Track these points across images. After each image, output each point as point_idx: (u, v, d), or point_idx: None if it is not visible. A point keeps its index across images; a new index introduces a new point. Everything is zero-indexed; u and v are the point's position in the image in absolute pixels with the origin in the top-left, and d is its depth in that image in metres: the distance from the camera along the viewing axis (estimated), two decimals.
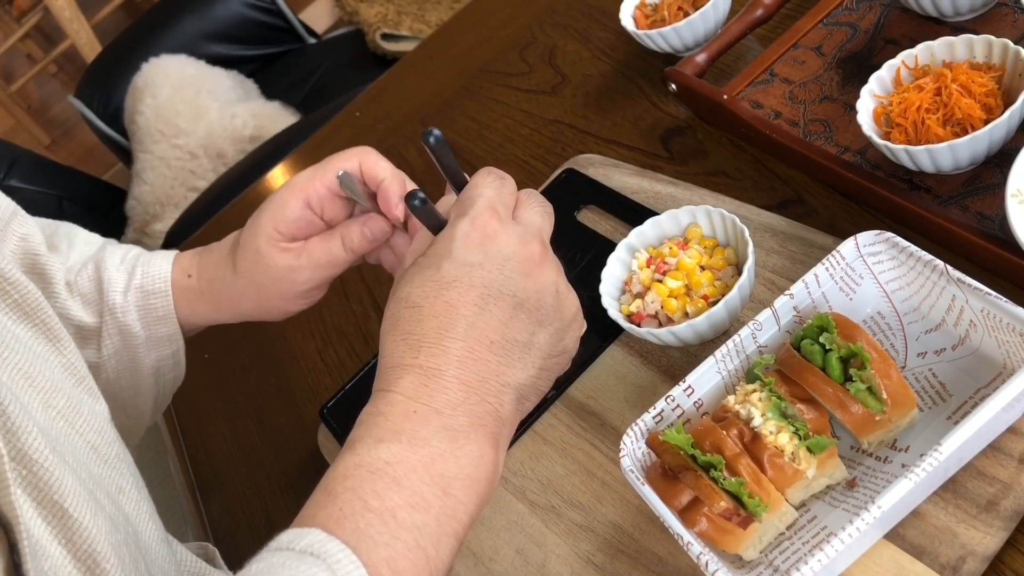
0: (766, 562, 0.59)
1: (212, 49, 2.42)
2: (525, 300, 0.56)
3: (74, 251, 0.75)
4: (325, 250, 0.69)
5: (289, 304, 0.71)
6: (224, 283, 0.72)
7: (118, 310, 0.72)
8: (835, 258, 0.66)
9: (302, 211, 0.69)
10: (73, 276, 0.72)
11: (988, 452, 0.57)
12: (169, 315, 0.73)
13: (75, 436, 0.58)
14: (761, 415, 0.60)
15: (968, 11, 0.80)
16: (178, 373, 0.77)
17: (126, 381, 0.74)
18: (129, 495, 0.60)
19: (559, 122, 1.10)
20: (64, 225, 0.78)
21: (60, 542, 0.49)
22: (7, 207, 0.71)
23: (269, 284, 0.70)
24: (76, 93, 2.43)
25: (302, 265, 0.69)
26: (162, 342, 0.74)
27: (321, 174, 0.69)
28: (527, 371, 0.56)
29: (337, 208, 0.70)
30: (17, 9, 4.17)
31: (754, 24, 0.95)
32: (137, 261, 0.74)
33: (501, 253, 0.56)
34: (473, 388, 0.53)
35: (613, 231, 0.88)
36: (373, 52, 2.38)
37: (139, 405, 0.76)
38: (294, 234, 0.69)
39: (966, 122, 0.69)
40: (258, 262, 0.69)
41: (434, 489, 0.50)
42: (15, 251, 0.70)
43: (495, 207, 0.57)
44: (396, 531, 0.48)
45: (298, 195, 0.69)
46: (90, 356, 0.72)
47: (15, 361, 0.56)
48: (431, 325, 0.54)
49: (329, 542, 0.47)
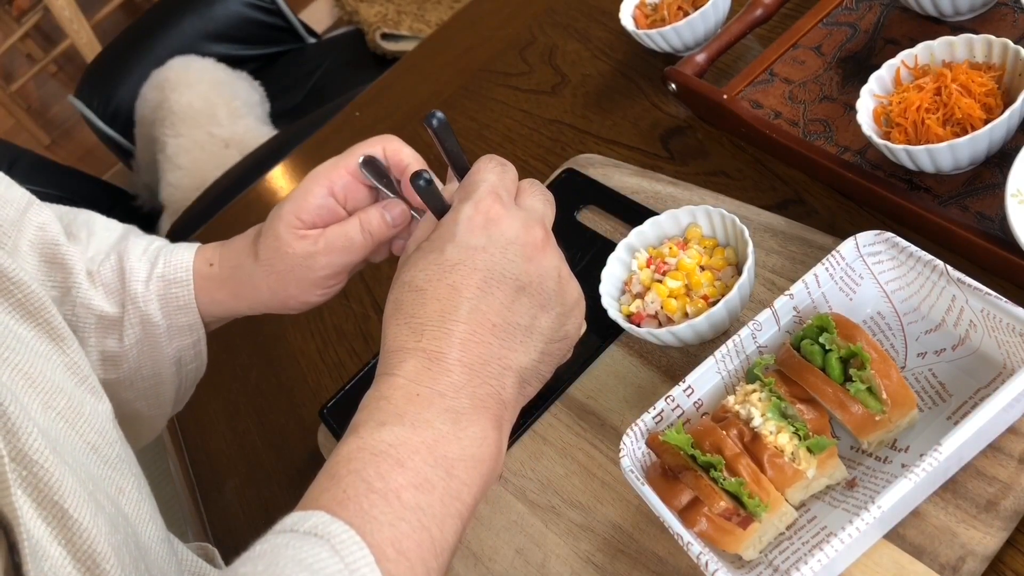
0: (766, 562, 0.59)
1: (212, 49, 2.42)
2: (527, 284, 0.56)
3: (94, 239, 0.75)
4: (342, 234, 0.69)
5: (306, 293, 0.71)
6: (245, 271, 0.72)
7: (140, 299, 0.72)
8: (835, 258, 0.66)
9: (324, 198, 0.69)
10: (95, 266, 0.72)
11: (988, 452, 0.57)
12: (190, 304, 0.73)
13: (75, 437, 0.58)
14: (761, 415, 0.60)
15: (968, 11, 0.80)
16: (199, 364, 0.77)
17: (147, 371, 0.74)
18: (129, 496, 0.60)
19: (559, 122, 1.10)
20: (82, 213, 0.78)
21: (60, 543, 0.49)
22: (22, 196, 0.71)
23: (287, 271, 0.70)
24: (76, 93, 2.43)
25: (319, 251, 0.69)
26: (183, 331, 0.74)
27: (344, 161, 0.69)
28: (529, 355, 0.56)
29: (360, 196, 0.70)
30: (17, 9, 4.17)
31: (754, 24, 0.95)
32: (160, 251, 0.74)
33: (504, 236, 0.56)
34: (475, 371, 0.53)
35: (613, 231, 0.88)
36: (373, 52, 2.38)
37: (160, 395, 0.76)
38: (315, 222, 0.69)
39: (966, 122, 0.69)
40: (277, 249, 0.69)
41: (437, 470, 0.50)
42: (33, 241, 0.70)
43: (498, 191, 0.58)
44: (400, 512, 0.48)
45: (321, 182, 0.69)
46: (112, 346, 0.72)
47: (16, 361, 0.56)
48: (434, 308, 0.54)
49: (333, 523, 0.47)
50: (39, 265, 0.70)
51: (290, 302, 0.72)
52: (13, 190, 0.71)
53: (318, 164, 0.71)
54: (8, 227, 0.68)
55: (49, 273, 0.70)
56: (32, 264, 0.69)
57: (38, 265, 0.70)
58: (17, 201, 0.70)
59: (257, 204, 1.46)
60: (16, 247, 0.69)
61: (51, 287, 0.70)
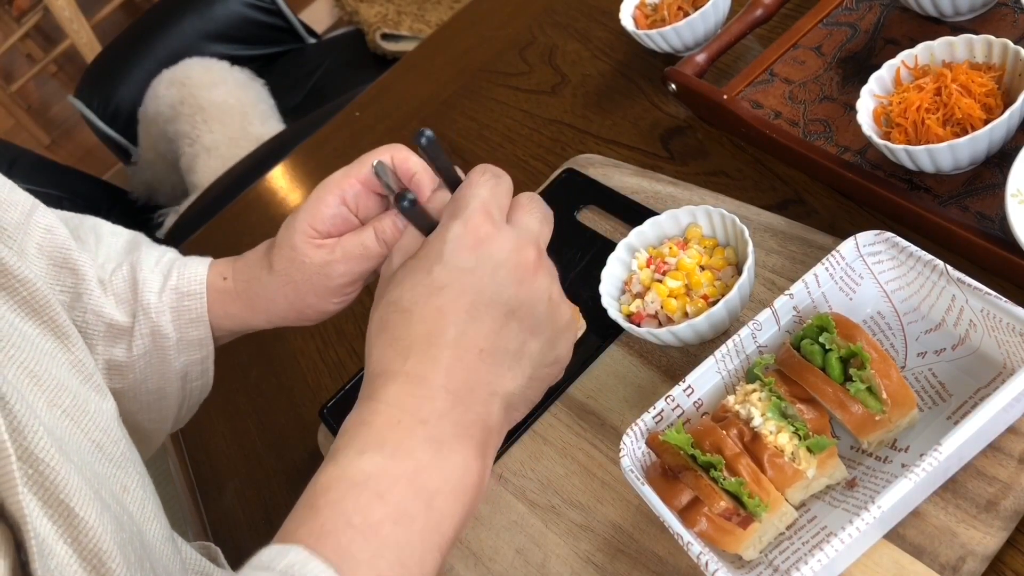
0: (766, 562, 0.59)
1: (212, 49, 2.42)
2: (517, 308, 0.55)
3: (102, 244, 0.75)
4: (358, 243, 0.68)
5: (324, 302, 0.71)
6: (260, 284, 0.71)
7: (152, 310, 0.71)
8: (835, 258, 0.66)
9: (337, 207, 0.69)
10: (107, 275, 0.72)
11: (988, 452, 0.57)
12: (202, 317, 0.73)
13: (80, 435, 0.58)
14: (761, 415, 0.60)
15: (968, 11, 0.80)
16: (205, 382, 0.77)
17: (153, 384, 0.73)
18: (134, 494, 0.60)
19: (559, 122, 1.10)
20: (88, 219, 0.77)
21: (66, 541, 0.49)
22: (26, 199, 0.71)
23: (304, 281, 0.69)
24: (76, 93, 2.43)
25: (336, 259, 0.68)
26: (192, 346, 0.73)
27: (355, 170, 0.69)
28: (517, 380, 0.55)
29: (371, 205, 0.70)
30: (17, 9, 4.18)
31: (754, 24, 0.95)
32: (173, 264, 0.74)
33: (493, 259, 0.54)
34: (460, 397, 0.52)
35: (613, 231, 0.88)
36: (373, 52, 2.38)
37: (163, 409, 0.76)
38: (329, 231, 0.69)
39: (966, 122, 0.69)
40: (293, 259, 0.69)
41: (417, 503, 0.49)
42: (41, 244, 0.69)
43: (489, 209, 0.56)
44: (379, 549, 0.47)
45: (333, 191, 0.68)
46: (119, 355, 0.71)
47: (21, 359, 0.56)
48: (420, 331, 0.53)
49: (310, 561, 0.46)
50: (48, 268, 0.69)
51: (307, 312, 0.72)
52: (17, 193, 0.70)
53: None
54: (13, 230, 0.68)
55: (58, 277, 0.69)
56: (40, 267, 0.69)
57: (47, 268, 0.69)
58: (22, 204, 0.70)
59: (257, 204, 1.46)
60: (23, 249, 0.68)
61: (60, 291, 0.69)
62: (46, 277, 0.69)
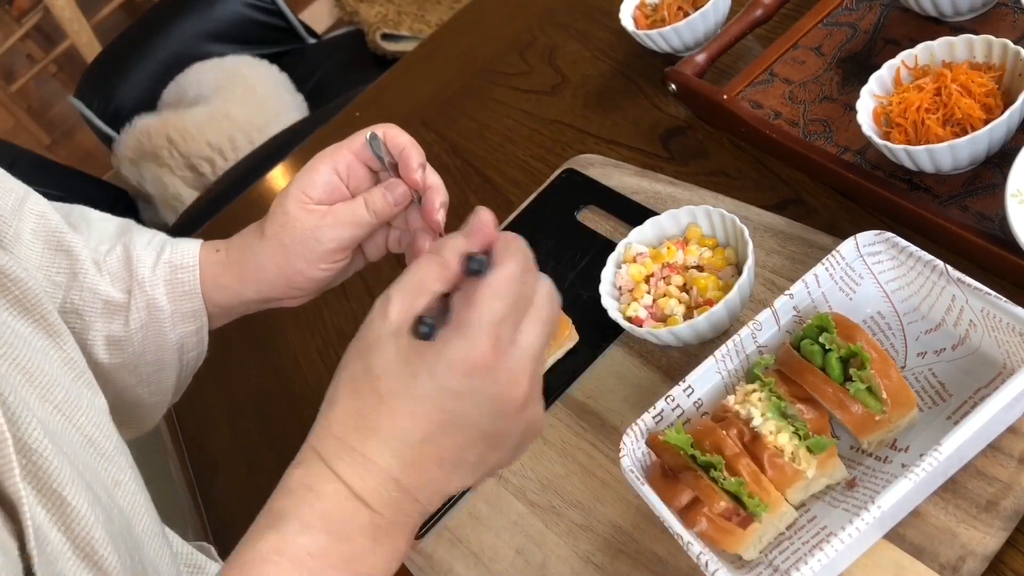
0: (766, 562, 0.59)
1: (212, 49, 2.42)
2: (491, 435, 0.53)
3: (93, 229, 0.77)
4: (349, 211, 0.71)
5: (312, 268, 0.72)
6: (251, 250, 0.74)
7: (146, 284, 0.74)
8: (835, 258, 0.66)
9: (329, 175, 0.71)
10: (101, 256, 0.74)
11: (988, 452, 0.57)
12: (195, 290, 0.75)
13: (72, 430, 0.59)
14: (761, 415, 0.60)
15: (968, 11, 0.80)
16: (201, 351, 0.79)
17: (151, 356, 0.75)
18: (126, 488, 0.61)
19: (559, 122, 1.10)
20: (76, 207, 0.80)
21: (59, 529, 0.50)
22: (19, 186, 0.73)
23: (294, 244, 0.71)
24: (76, 93, 2.43)
25: (327, 224, 0.71)
26: (187, 318, 0.75)
27: (347, 143, 0.72)
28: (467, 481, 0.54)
29: (361, 176, 0.72)
30: (17, 9, 4.17)
31: (754, 24, 0.95)
32: (165, 242, 0.77)
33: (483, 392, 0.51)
34: (408, 492, 0.52)
35: (613, 231, 0.88)
36: (373, 52, 2.38)
37: (162, 381, 0.77)
38: (321, 198, 0.71)
39: (966, 122, 0.69)
40: (285, 223, 0.71)
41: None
42: (36, 229, 0.71)
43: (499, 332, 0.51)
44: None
45: (326, 160, 0.72)
46: (117, 330, 0.73)
47: (13, 356, 0.57)
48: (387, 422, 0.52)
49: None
50: (43, 252, 0.71)
51: (296, 279, 0.73)
52: (10, 181, 0.73)
53: None
54: (8, 216, 0.70)
55: (54, 260, 0.71)
56: (36, 251, 0.71)
57: (42, 252, 0.71)
58: (15, 191, 0.72)
59: (257, 204, 1.46)
60: (18, 235, 0.70)
61: (56, 272, 0.71)
62: (42, 261, 0.71)
